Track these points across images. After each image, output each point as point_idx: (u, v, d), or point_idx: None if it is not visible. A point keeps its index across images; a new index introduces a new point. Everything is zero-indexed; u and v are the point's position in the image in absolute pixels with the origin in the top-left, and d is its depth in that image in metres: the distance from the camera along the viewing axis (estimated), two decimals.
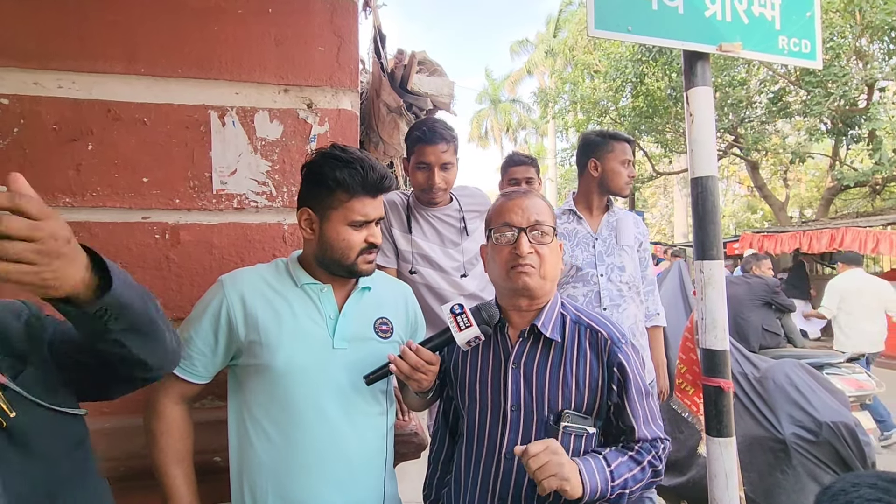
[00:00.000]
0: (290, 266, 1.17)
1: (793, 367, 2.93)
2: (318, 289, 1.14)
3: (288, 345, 1.08)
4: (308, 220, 1.12)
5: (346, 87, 1.51)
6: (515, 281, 1.08)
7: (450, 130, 1.82)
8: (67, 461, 0.82)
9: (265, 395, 1.09)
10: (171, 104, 1.41)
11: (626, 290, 2.05)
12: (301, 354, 1.08)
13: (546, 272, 1.09)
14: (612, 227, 2.11)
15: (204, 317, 1.10)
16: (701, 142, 1.41)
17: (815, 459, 2.62)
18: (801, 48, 1.53)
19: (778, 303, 4.67)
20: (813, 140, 9.74)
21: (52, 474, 0.79)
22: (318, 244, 1.12)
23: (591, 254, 2.06)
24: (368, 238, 1.12)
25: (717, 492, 1.36)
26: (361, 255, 1.11)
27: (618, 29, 1.39)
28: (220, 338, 1.10)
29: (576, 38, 16.13)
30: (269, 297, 1.12)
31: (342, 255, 1.10)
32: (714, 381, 1.38)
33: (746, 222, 19.19)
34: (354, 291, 1.19)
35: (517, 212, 1.10)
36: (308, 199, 1.13)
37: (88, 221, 1.37)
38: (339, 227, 1.09)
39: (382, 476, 1.18)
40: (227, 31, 1.43)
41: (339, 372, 1.11)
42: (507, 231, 1.10)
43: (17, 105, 1.32)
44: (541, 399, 1.08)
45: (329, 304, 1.14)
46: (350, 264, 1.11)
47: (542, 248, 1.09)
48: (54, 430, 0.80)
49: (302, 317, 1.12)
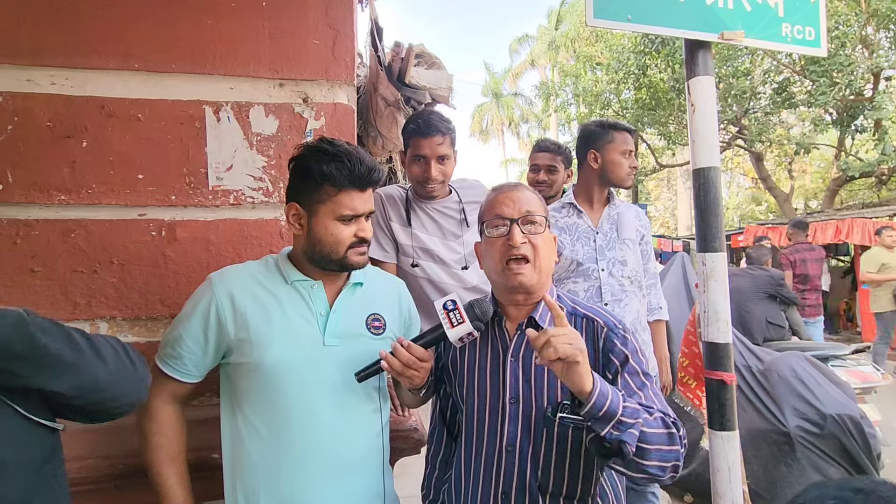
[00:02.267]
0: (280, 263, 1.16)
1: (797, 360, 2.91)
2: (308, 285, 1.13)
3: (278, 343, 1.07)
4: (296, 215, 1.11)
5: (342, 81, 1.50)
6: (511, 280, 1.08)
7: (446, 122, 1.80)
8: (35, 475, 0.79)
9: (256, 393, 1.08)
10: (166, 100, 1.39)
11: (627, 284, 2.03)
12: (291, 352, 1.07)
13: (540, 264, 1.09)
14: (614, 220, 2.08)
15: (193, 315, 1.09)
16: (703, 132, 1.39)
17: (819, 452, 2.61)
18: (805, 35, 1.50)
19: (782, 295, 4.64)
20: (818, 130, 9.64)
21: (18, 486, 0.76)
22: (306, 239, 1.11)
23: (591, 248, 2.03)
24: (358, 233, 1.10)
25: (721, 486, 1.34)
26: (351, 249, 1.10)
27: (617, 18, 1.37)
28: (209, 336, 1.09)
29: (578, 31, 16.01)
30: (259, 294, 1.11)
31: (331, 250, 1.09)
32: (717, 375, 1.37)
33: (751, 214, 19.07)
34: (346, 287, 1.17)
35: (508, 204, 1.10)
36: (296, 193, 1.11)
37: (84, 219, 1.36)
38: (328, 221, 1.08)
39: (379, 473, 1.17)
40: (222, 25, 1.42)
41: (331, 369, 1.10)
42: (500, 223, 1.10)
43: (10, 102, 1.31)
44: (539, 391, 1.08)
45: (320, 301, 1.13)
46: (340, 258, 1.10)
47: (535, 239, 1.08)
48: (26, 440, 0.78)
49: (292, 314, 1.10)
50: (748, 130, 10.04)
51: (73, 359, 0.78)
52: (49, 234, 1.34)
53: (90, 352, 0.81)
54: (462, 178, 2.00)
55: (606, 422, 0.92)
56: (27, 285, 1.33)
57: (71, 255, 1.35)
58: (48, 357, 0.75)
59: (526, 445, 1.07)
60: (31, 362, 0.74)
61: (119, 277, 1.37)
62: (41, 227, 1.34)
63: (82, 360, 0.79)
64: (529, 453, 1.07)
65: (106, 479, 1.02)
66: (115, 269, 1.37)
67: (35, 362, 0.74)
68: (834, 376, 2.94)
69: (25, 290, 1.33)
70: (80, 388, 0.80)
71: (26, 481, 0.77)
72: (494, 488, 1.09)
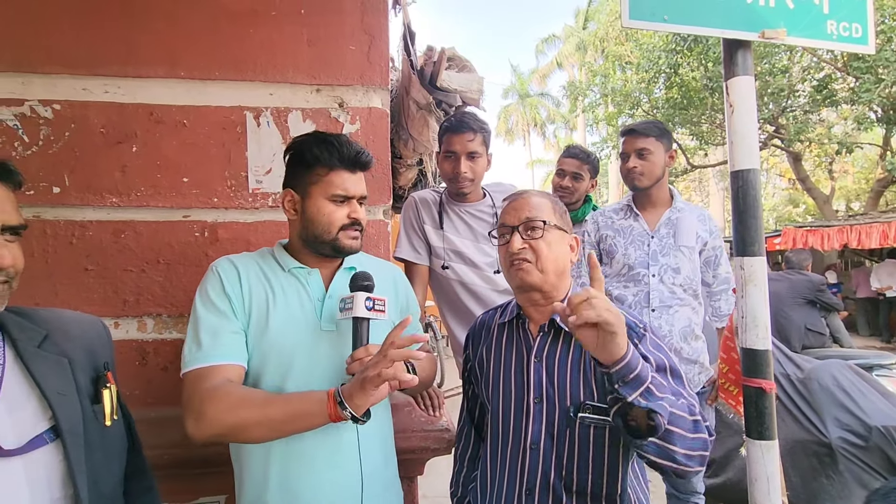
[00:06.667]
0: (276, 253, 1.19)
1: (839, 368, 2.80)
2: (305, 272, 1.15)
3: (276, 328, 1.08)
4: (291, 200, 1.14)
5: (376, 86, 1.53)
6: (514, 278, 1.13)
7: (479, 122, 1.81)
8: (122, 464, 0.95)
9: (254, 378, 1.08)
10: (209, 106, 1.45)
11: (680, 292, 1.96)
12: (289, 337, 1.08)
13: (544, 265, 1.11)
14: (672, 224, 2.01)
15: (215, 298, 1.08)
16: (742, 133, 1.35)
17: (863, 465, 2.50)
18: (851, 33, 1.44)
19: (823, 300, 4.46)
20: (862, 129, 9.22)
21: (118, 474, 0.91)
22: (301, 223, 1.13)
23: (644, 252, 1.98)
24: (351, 214, 1.12)
25: (759, 496, 1.31)
26: (343, 231, 1.12)
27: (653, 18, 1.35)
28: (235, 311, 1.07)
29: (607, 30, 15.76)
30: (261, 279, 1.13)
31: (324, 230, 1.11)
32: (755, 382, 1.33)
33: (788, 216, 18.37)
34: (339, 272, 1.18)
35: (510, 213, 1.16)
36: (290, 179, 1.15)
37: (133, 220, 1.43)
38: (320, 201, 1.10)
39: (382, 458, 1.16)
40: (262, 34, 1.47)
41: (327, 354, 1.10)
42: (504, 232, 1.16)
43: (68, 110, 1.39)
44: (563, 391, 1.10)
45: (316, 287, 1.15)
46: (332, 239, 1.11)
47: (535, 243, 1.11)
48: (123, 436, 0.94)
49: (292, 300, 1.12)
50: (785, 129, 9.67)
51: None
52: (101, 235, 1.41)
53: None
54: (497, 182, 2.01)
55: (635, 387, 0.90)
56: (81, 283, 1.40)
57: (121, 254, 1.42)
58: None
59: (549, 444, 1.09)
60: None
61: (165, 276, 1.44)
62: (94, 228, 1.41)
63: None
64: (553, 452, 1.09)
65: (155, 468, 1.07)
66: (161, 268, 1.44)
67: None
68: (879, 386, 2.81)
69: (80, 288, 1.40)
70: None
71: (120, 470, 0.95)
72: (519, 486, 1.11)
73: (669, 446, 0.94)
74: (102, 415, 0.87)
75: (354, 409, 0.95)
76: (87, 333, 0.94)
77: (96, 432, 0.86)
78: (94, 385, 0.89)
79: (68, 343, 0.88)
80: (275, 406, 0.99)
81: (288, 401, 1.00)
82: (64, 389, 0.83)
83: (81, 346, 0.90)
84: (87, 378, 0.88)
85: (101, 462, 0.85)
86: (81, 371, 0.87)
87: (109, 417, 0.88)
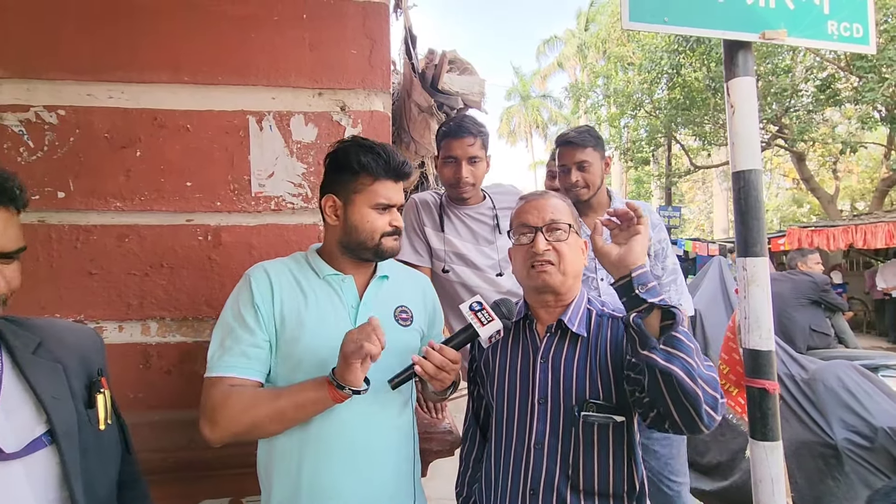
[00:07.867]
0: (311, 258, 1.19)
1: (844, 369, 2.78)
2: (339, 279, 1.16)
3: (310, 333, 1.09)
4: (332, 206, 1.15)
5: (378, 89, 1.53)
6: (536, 280, 1.13)
7: (478, 125, 1.81)
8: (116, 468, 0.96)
9: (287, 383, 1.09)
10: (212, 111, 1.46)
11: None
12: (323, 343, 1.09)
13: (566, 268, 1.13)
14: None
15: (243, 309, 1.10)
16: (743, 134, 1.35)
17: (870, 466, 2.48)
18: (852, 33, 1.44)
19: (827, 301, 4.43)
20: (866, 128, 9.18)
21: (113, 478, 0.92)
22: (342, 229, 1.14)
23: (590, 258, 1.96)
24: (392, 222, 1.14)
25: (763, 498, 1.30)
26: (385, 237, 1.14)
27: (654, 20, 1.35)
28: (263, 323, 1.09)
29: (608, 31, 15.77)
30: (294, 286, 1.14)
31: (367, 237, 1.13)
32: (758, 383, 1.33)
33: (792, 216, 18.30)
34: (373, 280, 1.20)
35: (533, 213, 1.15)
36: (331, 185, 1.16)
37: (137, 224, 1.44)
38: (364, 209, 1.12)
39: (409, 466, 1.18)
40: (264, 38, 1.48)
41: None
42: (526, 231, 1.15)
43: (73, 116, 1.40)
44: (568, 392, 1.11)
45: (350, 294, 1.16)
46: (375, 245, 1.13)
47: (559, 245, 1.13)
48: (117, 441, 0.96)
49: (325, 306, 1.13)
50: (789, 129, 9.65)
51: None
52: (105, 239, 1.42)
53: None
54: (497, 184, 2.01)
55: (653, 294, 0.99)
56: (85, 287, 1.41)
57: (125, 258, 1.43)
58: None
59: (554, 443, 1.10)
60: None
61: (168, 280, 1.45)
62: (98, 233, 1.42)
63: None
64: (558, 450, 1.09)
65: (159, 470, 1.07)
66: (164, 272, 1.45)
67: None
68: (885, 387, 2.79)
69: (84, 292, 1.41)
70: None
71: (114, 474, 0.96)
72: (523, 485, 1.11)
73: (679, 353, 0.92)
74: (97, 419, 0.89)
75: (350, 384, 1.00)
76: (80, 341, 0.96)
77: (91, 436, 0.87)
78: (87, 390, 0.91)
79: (62, 350, 0.90)
80: (283, 399, 1.04)
81: (293, 392, 1.04)
82: (58, 394, 0.84)
83: (75, 352, 0.92)
84: (81, 383, 0.90)
85: (95, 465, 0.87)
86: (75, 376, 0.89)
87: (103, 422, 0.90)
